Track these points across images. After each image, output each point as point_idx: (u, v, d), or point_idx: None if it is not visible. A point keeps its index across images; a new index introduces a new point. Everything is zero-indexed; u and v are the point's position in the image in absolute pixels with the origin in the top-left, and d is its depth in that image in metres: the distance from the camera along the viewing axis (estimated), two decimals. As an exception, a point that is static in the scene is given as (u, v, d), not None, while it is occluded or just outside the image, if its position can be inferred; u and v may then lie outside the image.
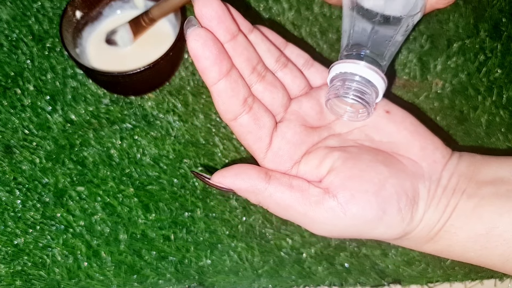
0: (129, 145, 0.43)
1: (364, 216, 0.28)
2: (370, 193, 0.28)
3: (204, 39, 0.27)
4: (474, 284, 0.39)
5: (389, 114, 0.31)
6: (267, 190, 0.28)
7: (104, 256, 0.39)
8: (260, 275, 0.39)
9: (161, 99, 0.45)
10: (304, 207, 0.28)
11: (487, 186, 0.28)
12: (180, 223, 0.40)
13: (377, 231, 0.29)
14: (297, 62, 0.33)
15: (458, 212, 0.28)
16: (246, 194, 0.29)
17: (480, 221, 0.28)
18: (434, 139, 0.31)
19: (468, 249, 0.29)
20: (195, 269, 0.39)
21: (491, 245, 0.28)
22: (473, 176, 0.29)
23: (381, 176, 0.28)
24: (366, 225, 0.28)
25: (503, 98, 0.44)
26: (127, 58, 0.44)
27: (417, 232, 0.29)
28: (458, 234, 0.28)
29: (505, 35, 0.46)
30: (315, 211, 0.28)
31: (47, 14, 0.49)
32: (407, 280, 0.39)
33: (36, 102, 0.45)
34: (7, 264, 0.39)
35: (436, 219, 0.29)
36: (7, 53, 0.47)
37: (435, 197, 0.29)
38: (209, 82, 0.28)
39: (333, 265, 0.39)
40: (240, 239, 0.40)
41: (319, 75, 0.33)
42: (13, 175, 0.42)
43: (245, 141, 0.30)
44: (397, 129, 0.30)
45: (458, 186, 0.29)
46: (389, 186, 0.28)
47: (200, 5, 0.27)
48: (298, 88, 0.32)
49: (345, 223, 0.28)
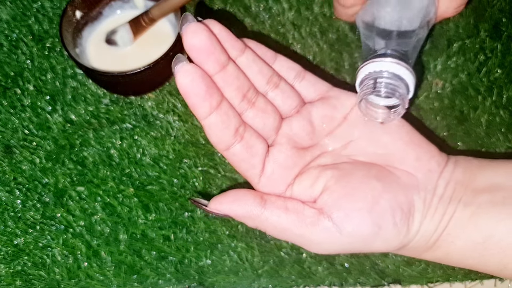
0: (129, 145, 0.43)
1: (360, 233, 0.28)
2: (364, 211, 0.28)
3: (193, 75, 0.27)
4: (474, 284, 0.39)
5: (384, 124, 0.31)
6: (263, 214, 0.29)
7: (104, 256, 0.39)
8: (260, 275, 0.39)
9: (161, 99, 0.45)
10: (300, 229, 0.28)
11: (483, 193, 0.28)
12: (180, 223, 0.40)
13: (375, 246, 0.29)
14: (288, 75, 0.32)
15: (455, 221, 0.28)
16: (243, 220, 0.29)
17: (476, 229, 0.28)
18: (430, 147, 0.31)
19: (466, 257, 0.29)
20: (195, 269, 0.39)
21: (488, 253, 0.28)
22: (469, 183, 0.29)
23: (375, 192, 0.29)
24: (363, 242, 0.28)
25: (503, 98, 0.44)
26: (127, 58, 0.44)
27: (415, 242, 0.29)
28: (455, 243, 0.28)
29: (505, 35, 0.46)
30: (312, 232, 0.28)
31: (47, 14, 0.49)
32: (407, 280, 0.39)
33: (36, 102, 0.45)
34: (7, 264, 0.39)
35: (433, 229, 0.29)
36: (7, 53, 0.47)
37: (431, 207, 0.29)
38: (199, 117, 0.28)
39: (333, 265, 0.39)
40: (240, 239, 0.40)
41: (311, 87, 0.32)
42: (13, 175, 0.42)
43: (239, 169, 0.31)
44: (392, 140, 0.30)
45: (455, 194, 0.29)
46: (383, 201, 0.28)
47: (189, 37, 0.27)
48: (290, 107, 0.32)
49: (342, 241, 0.28)
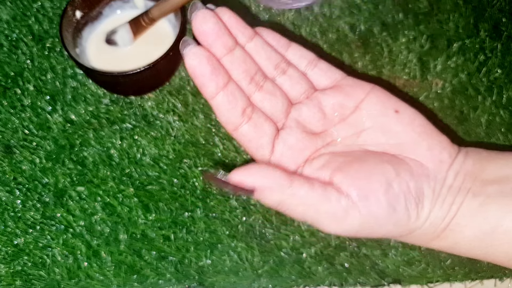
0: (129, 145, 0.43)
1: (376, 214, 0.28)
2: (380, 192, 0.28)
3: (200, 57, 0.29)
4: (474, 284, 0.39)
5: (398, 114, 0.31)
6: (291, 187, 0.28)
7: (104, 256, 0.39)
8: (260, 275, 0.39)
9: (161, 99, 0.45)
10: (325, 206, 0.28)
11: (493, 184, 0.28)
12: (180, 223, 0.40)
13: (386, 229, 0.29)
14: (300, 63, 0.32)
15: (464, 210, 0.28)
16: (268, 194, 0.28)
17: (485, 219, 0.28)
18: (442, 138, 0.31)
19: (473, 246, 0.29)
20: (195, 269, 0.39)
21: (496, 243, 0.28)
22: (479, 174, 0.29)
23: (388, 175, 0.29)
24: (377, 223, 0.28)
25: (503, 98, 0.44)
26: (127, 58, 0.44)
27: (423, 230, 0.29)
28: (463, 232, 0.29)
29: (505, 35, 0.46)
30: (335, 211, 0.28)
31: (47, 14, 0.49)
32: (407, 280, 0.39)
33: (36, 102, 0.45)
34: (7, 264, 0.39)
35: (442, 218, 0.29)
36: (7, 53, 0.47)
37: (440, 196, 0.29)
38: (207, 96, 0.30)
39: (333, 265, 0.39)
40: (240, 239, 0.40)
41: (323, 75, 0.32)
42: (13, 175, 0.42)
43: (248, 149, 0.31)
44: (405, 130, 0.30)
45: (464, 185, 0.29)
46: (396, 185, 0.28)
47: (198, 23, 0.29)
48: (298, 93, 0.32)
49: (360, 221, 0.28)
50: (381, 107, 0.31)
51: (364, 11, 0.48)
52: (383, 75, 0.45)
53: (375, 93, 0.31)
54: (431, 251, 0.39)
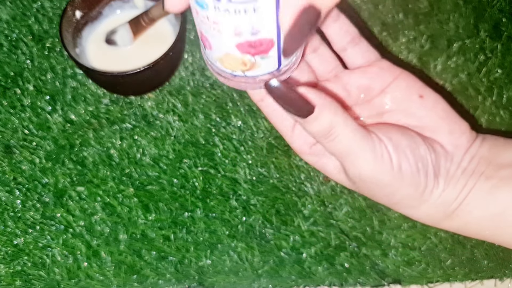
0: (129, 145, 0.43)
1: (405, 168, 0.28)
2: (408, 150, 0.29)
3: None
4: (474, 284, 0.39)
5: (422, 99, 0.31)
6: (344, 115, 0.28)
7: (104, 256, 0.39)
8: (260, 275, 0.39)
9: (161, 99, 0.45)
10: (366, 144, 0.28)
11: (506, 168, 0.29)
12: (180, 223, 0.40)
13: (407, 190, 0.29)
14: (344, 39, 0.32)
15: (475, 192, 0.29)
16: (326, 112, 0.27)
17: (495, 201, 0.29)
18: (462, 124, 0.31)
19: (483, 227, 0.29)
20: (195, 269, 0.39)
21: (506, 225, 0.29)
22: (494, 158, 0.30)
23: (414, 139, 0.29)
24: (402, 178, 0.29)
25: (503, 98, 0.44)
26: (127, 58, 0.44)
27: (435, 207, 0.30)
28: (473, 212, 0.29)
29: (505, 35, 0.46)
30: (374, 151, 0.28)
31: (47, 14, 0.48)
32: (407, 280, 0.39)
33: (36, 102, 0.45)
34: (7, 264, 0.39)
35: (454, 198, 0.29)
36: (7, 53, 0.47)
37: (454, 177, 0.30)
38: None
39: (333, 265, 0.39)
40: (240, 239, 0.40)
41: (361, 54, 0.32)
42: (13, 175, 0.42)
43: (272, 119, 0.31)
44: (427, 115, 0.31)
45: (478, 168, 0.30)
46: (422, 149, 0.29)
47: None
48: (325, 71, 0.32)
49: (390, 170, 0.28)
50: (406, 92, 0.31)
51: (364, 11, 0.48)
52: (383, 75, 0.45)
53: (402, 77, 0.31)
54: (431, 251, 0.39)
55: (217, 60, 0.27)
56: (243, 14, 0.23)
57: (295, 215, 0.40)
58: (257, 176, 0.42)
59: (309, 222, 0.40)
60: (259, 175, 0.42)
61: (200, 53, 0.46)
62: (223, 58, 0.26)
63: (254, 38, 0.24)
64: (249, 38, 0.24)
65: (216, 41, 0.25)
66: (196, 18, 0.25)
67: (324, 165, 0.32)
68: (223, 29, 0.24)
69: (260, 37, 0.24)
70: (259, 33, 0.24)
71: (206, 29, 0.25)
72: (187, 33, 0.47)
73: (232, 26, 0.23)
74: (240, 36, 0.24)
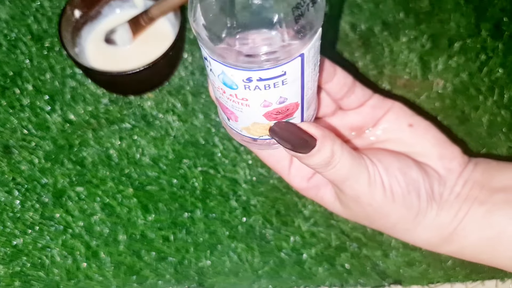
0: (128, 145, 0.43)
1: (396, 190, 0.29)
2: (399, 172, 0.29)
3: None
4: (475, 284, 0.39)
5: (412, 127, 0.32)
6: (342, 143, 0.28)
7: (103, 256, 0.39)
8: (260, 276, 0.39)
9: (161, 99, 0.44)
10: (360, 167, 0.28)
11: (499, 193, 0.30)
12: (180, 223, 0.40)
13: (400, 212, 0.29)
14: (340, 92, 0.32)
15: (470, 217, 0.30)
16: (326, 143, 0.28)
17: (490, 225, 0.29)
18: (453, 149, 0.32)
19: (480, 251, 0.30)
20: (194, 270, 0.39)
21: (502, 248, 0.29)
22: (486, 183, 0.30)
23: (407, 162, 0.30)
24: (395, 200, 0.29)
25: (504, 98, 0.44)
26: (126, 57, 0.44)
27: (430, 231, 0.30)
28: (469, 237, 0.30)
29: (506, 35, 0.46)
30: (367, 173, 0.29)
31: (46, 13, 0.48)
32: (408, 281, 0.39)
33: (35, 102, 0.45)
34: (6, 265, 0.39)
35: (448, 221, 0.30)
36: (5, 52, 0.47)
37: (448, 202, 0.30)
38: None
39: (333, 266, 0.39)
40: (240, 240, 0.40)
41: (356, 99, 0.33)
42: (12, 175, 0.42)
43: (268, 163, 0.33)
44: (418, 142, 0.32)
45: (471, 193, 0.30)
46: (414, 173, 0.30)
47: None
48: (322, 113, 0.33)
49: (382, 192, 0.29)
50: (396, 123, 0.32)
51: (365, 11, 0.48)
52: (384, 75, 0.45)
53: (393, 110, 0.32)
54: (432, 252, 0.39)
55: (243, 129, 0.28)
56: (273, 88, 0.23)
57: (295, 216, 0.40)
58: (257, 177, 0.41)
59: (310, 223, 0.40)
60: (259, 175, 0.42)
61: (200, 52, 0.46)
62: (250, 127, 0.27)
63: (282, 105, 0.25)
64: (277, 106, 0.25)
65: (243, 115, 0.26)
66: (221, 96, 0.25)
67: (323, 197, 0.33)
68: (252, 103, 0.25)
69: (287, 103, 0.25)
70: (286, 101, 0.25)
71: (232, 105, 0.25)
72: (187, 33, 0.47)
73: (261, 100, 0.24)
74: (268, 107, 0.25)
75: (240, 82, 0.23)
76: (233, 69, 0.23)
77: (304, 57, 0.23)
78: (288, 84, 0.24)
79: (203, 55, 0.24)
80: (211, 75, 0.25)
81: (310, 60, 0.24)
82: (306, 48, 0.23)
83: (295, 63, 0.23)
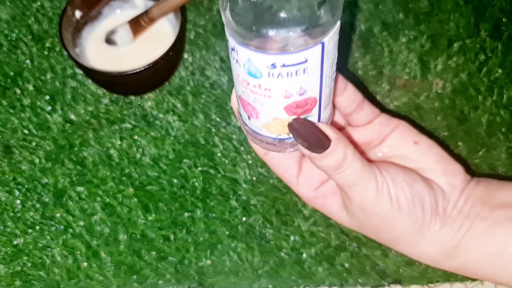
0: (129, 145, 0.43)
1: (401, 201, 0.29)
2: (405, 183, 0.30)
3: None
4: (474, 284, 0.39)
5: (417, 145, 0.33)
6: (354, 149, 0.29)
7: (103, 256, 0.39)
8: (260, 276, 0.39)
9: (161, 99, 0.44)
10: (369, 175, 0.29)
11: (500, 209, 0.30)
12: (180, 223, 0.40)
13: (405, 223, 0.30)
14: (350, 107, 0.33)
15: (472, 233, 0.30)
16: (340, 146, 0.28)
17: (492, 242, 0.30)
18: (456, 166, 0.33)
19: (481, 267, 0.30)
20: (195, 270, 0.39)
21: (503, 264, 0.30)
22: (488, 200, 0.31)
23: (414, 175, 0.31)
24: (401, 211, 0.30)
25: (503, 98, 0.44)
26: (126, 58, 0.44)
27: (433, 245, 0.31)
28: (471, 253, 0.30)
29: (505, 35, 0.46)
30: (375, 182, 0.29)
31: (47, 13, 0.48)
32: (407, 281, 0.39)
33: (35, 102, 0.45)
34: (7, 265, 0.39)
35: (451, 237, 0.30)
36: (6, 53, 0.47)
37: (450, 217, 0.31)
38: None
39: (333, 265, 0.39)
40: (240, 240, 0.40)
41: (365, 116, 0.33)
42: (13, 175, 0.42)
43: (277, 171, 0.33)
44: (422, 158, 0.33)
45: (473, 209, 0.31)
46: (419, 185, 0.30)
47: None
48: (335, 124, 0.34)
49: (389, 203, 0.29)
50: (401, 140, 0.33)
51: (365, 11, 0.48)
52: (383, 75, 0.45)
53: (399, 128, 0.33)
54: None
55: (263, 127, 0.28)
56: (294, 76, 0.25)
57: (295, 215, 0.40)
58: (257, 176, 0.42)
59: (309, 222, 0.40)
60: (259, 175, 0.42)
61: (200, 52, 0.46)
62: (270, 123, 0.28)
63: (301, 98, 0.26)
64: (297, 99, 0.26)
65: (264, 108, 0.27)
66: (244, 91, 0.27)
67: (330, 207, 0.33)
68: (274, 94, 0.25)
69: (306, 96, 0.26)
70: (305, 93, 0.26)
71: (255, 98, 0.26)
72: (187, 33, 0.47)
73: (283, 89, 0.25)
74: (289, 98, 0.26)
75: (264, 69, 0.24)
76: (260, 54, 0.23)
77: (324, 47, 0.24)
78: (309, 74, 0.25)
79: (230, 46, 0.25)
80: (236, 67, 0.26)
81: (330, 53, 0.25)
82: (326, 37, 0.24)
83: (316, 50, 0.24)
